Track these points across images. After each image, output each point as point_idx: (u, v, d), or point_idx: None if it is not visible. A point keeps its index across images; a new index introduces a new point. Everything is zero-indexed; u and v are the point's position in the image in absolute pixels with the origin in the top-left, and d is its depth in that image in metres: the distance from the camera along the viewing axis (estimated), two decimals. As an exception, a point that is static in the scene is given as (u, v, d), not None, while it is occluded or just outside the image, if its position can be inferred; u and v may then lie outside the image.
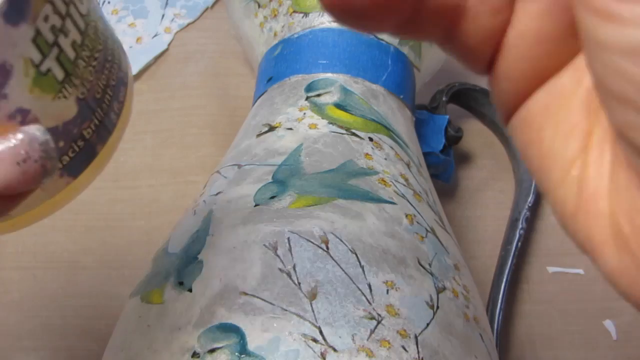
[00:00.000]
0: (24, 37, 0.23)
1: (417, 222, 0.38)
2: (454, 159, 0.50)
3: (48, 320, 0.49)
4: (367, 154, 0.40)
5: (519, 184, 0.51)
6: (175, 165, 0.53)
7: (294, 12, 0.46)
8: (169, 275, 0.36)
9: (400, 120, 0.44)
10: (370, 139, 0.41)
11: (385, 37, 0.45)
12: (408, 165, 0.41)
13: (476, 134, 0.54)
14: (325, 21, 0.45)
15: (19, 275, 0.50)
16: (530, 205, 0.50)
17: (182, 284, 0.36)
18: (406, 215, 0.38)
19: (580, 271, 0.51)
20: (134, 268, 0.49)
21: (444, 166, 0.49)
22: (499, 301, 0.47)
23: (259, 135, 0.42)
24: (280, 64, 0.45)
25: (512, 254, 0.49)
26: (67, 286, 0.49)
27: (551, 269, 0.51)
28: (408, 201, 0.39)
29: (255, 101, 0.46)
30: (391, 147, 0.41)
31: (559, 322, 0.49)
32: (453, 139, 0.50)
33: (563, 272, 0.51)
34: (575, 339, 0.49)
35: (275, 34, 0.47)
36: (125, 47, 0.56)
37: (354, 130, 0.41)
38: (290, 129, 0.41)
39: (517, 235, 0.49)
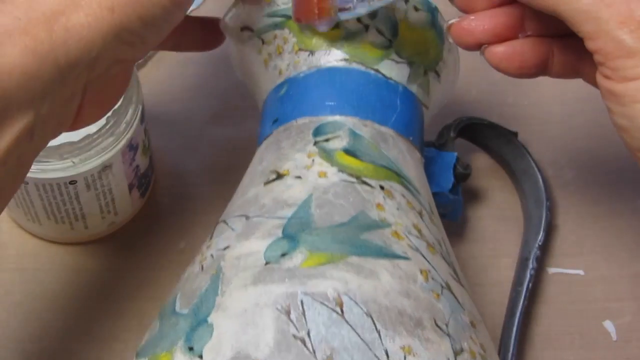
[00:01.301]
0: (142, 130, 0.48)
1: (432, 278, 0.37)
2: (462, 196, 0.49)
3: (50, 322, 0.49)
4: (379, 204, 0.39)
5: (528, 221, 0.50)
6: (176, 167, 0.54)
7: (300, 49, 0.45)
8: (177, 339, 0.35)
9: (411, 163, 0.43)
10: (382, 188, 0.40)
11: (394, 75, 0.44)
12: (420, 214, 0.40)
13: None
14: (331, 60, 0.44)
15: (21, 277, 0.50)
16: (540, 244, 0.49)
17: (192, 350, 0.34)
18: (421, 272, 0.37)
19: (580, 272, 0.51)
20: (135, 270, 0.50)
21: (453, 205, 0.48)
22: (511, 345, 0.46)
23: (266, 183, 0.41)
24: (287, 104, 0.44)
25: (523, 295, 0.48)
26: (68, 288, 0.50)
27: (551, 270, 0.51)
28: (422, 255, 0.38)
29: (261, 142, 0.44)
30: (402, 195, 0.40)
31: (559, 322, 0.49)
32: (461, 176, 0.49)
33: (563, 272, 0.50)
34: (575, 340, 0.49)
35: (280, 72, 0.45)
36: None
37: (364, 179, 0.40)
38: (299, 177, 0.40)
39: (528, 276, 0.48)
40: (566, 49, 0.39)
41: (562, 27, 0.37)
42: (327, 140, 0.42)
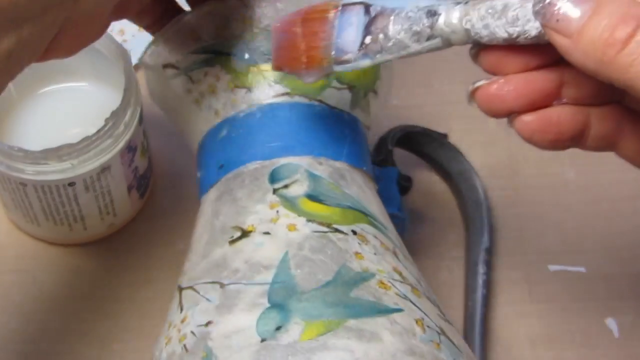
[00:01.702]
0: (141, 131, 0.48)
1: (428, 327, 0.36)
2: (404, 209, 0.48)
3: (48, 324, 0.49)
4: (357, 253, 0.38)
5: (469, 224, 0.50)
6: (175, 168, 0.54)
7: (236, 87, 0.42)
8: None
9: (371, 197, 0.41)
10: (354, 232, 0.38)
11: (337, 103, 0.42)
12: (395, 254, 0.39)
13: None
14: (272, 95, 0.42)
15: (19, 278, 0.50)
16: (487, 246, 0.49)
17: None
18: (416, 322, 0.36)
19: (582, 269, 0.51)
20: (134, 270, 0.51)
21: (402, 223, 0.47)
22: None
23: (232, 242, 0.38)
24: (231, 148, 0.41)
25: (480, 302, 0.47)
26: (68, 289, 0.50)
27: (552, 267, 0.51)
28: (411, 301, 0.37)
29: (206, 190, 0.42)
30: (375, 237, 0.39)
31: (560, 320, 0.49)
32: (404, 189, 0.48)
33: (564, 270, 0.51)
34: (577, 338, 0.49)
35: (216, 113, 0.42)
36: (128, 37, 0.58)
37: (335, 226, 0.38)
38: (268, 233, 0.38)
39: (480, 282, 0.48)
40: (604, 119, 0.35)
41: (602, 94, 0.34)
42: (286, 186, 0.39)
